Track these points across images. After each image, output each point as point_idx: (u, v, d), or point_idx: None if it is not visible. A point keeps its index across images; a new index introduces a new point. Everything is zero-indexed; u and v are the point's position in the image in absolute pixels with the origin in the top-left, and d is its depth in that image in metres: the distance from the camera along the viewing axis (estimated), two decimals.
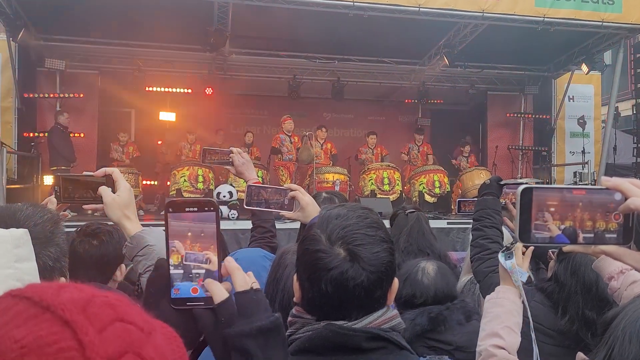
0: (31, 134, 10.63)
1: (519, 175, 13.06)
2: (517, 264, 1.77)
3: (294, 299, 1.18)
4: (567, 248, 1.05)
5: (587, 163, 12.03)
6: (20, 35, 9.24)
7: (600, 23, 9.12)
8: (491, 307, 1.75)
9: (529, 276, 2.62)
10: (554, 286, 2.11)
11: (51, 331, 0.48)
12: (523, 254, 1.84)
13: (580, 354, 1.26)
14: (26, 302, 0.51)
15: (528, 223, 0.96)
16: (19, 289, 0.54)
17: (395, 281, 1.16)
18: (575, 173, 12.38)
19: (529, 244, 1.06)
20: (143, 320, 0.56)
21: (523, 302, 1.76)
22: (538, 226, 0.96)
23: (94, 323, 0.50)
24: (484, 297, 1.89)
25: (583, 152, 12.42)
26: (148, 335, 0.55)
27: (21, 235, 1.04)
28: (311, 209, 1.84)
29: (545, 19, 8.89)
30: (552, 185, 0.99)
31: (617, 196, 0.94)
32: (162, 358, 0.55)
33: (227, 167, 2.34)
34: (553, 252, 2.37)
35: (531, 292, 2.14)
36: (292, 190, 1.89)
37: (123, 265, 2.37)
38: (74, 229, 2.42)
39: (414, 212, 3.16)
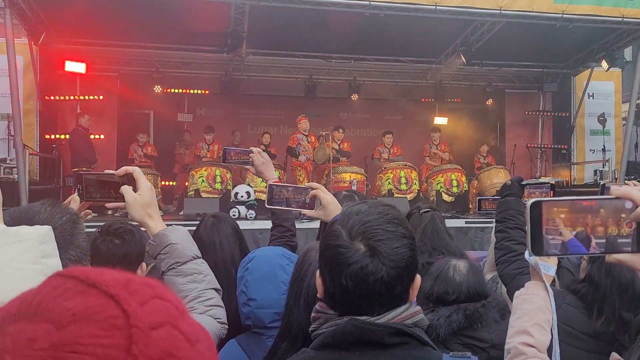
0: (53, 136, 10.79)
1: (538, 175, 12.92)
2: (540, 259, 1.74)
3: (318, 295, 1.20)
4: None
5: (607, 161, 11.85)
6: (41, 39, 9.40)
7: (621, 19, 8.97)
8: (520, 303, 1.72)
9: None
10: (588, 287, 2.05)
11: (98, 302, 0.53)
12: None
13: (614, 354, 1.24)
14: (74, 281, 0.55)
15: (540, 235, 0.97)
16: (66, 269, 0.59)
17: (418, 277, 1.17)
18: (595, 171, 12.21)
19: (542, 256, 1.06)
20: (177, 301, 0.61)
21: (550, 296, 1.73)
22: (549, 231, 0.96)
23: (136, 297, 0.55)
24: (512, 300, 1.87)
25: (603, 150, 12.24)
26: (182, 313, 0.60)
27: (46, 232, 1.07)
28: (332, 207, 1.84)
29: (564, 15, 8.77)
30: (562, 198, 0.99)
31: (628, 205, 0.94)
32: (196, 334, 0.59)
33: (247, 167, 2.37)
34: None
35: (562, 294, 2.09)
36: (313, 188, 1.90)
37: (144, 264, 2.40)
38: (95, 229, 2.46)
39: (428, 211, 3.15)
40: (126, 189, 1.47)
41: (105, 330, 0.51)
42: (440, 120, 13.15)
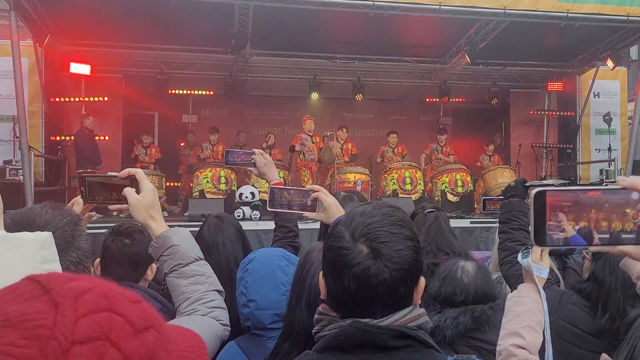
0: (58, 138, 10.85)
1: (544, 174, 12.89)
2: (533, 261, 1.74)
3: (321, 296, 1.19)
4: (591, 249, 1.04)
5: (613, 160, 11.80)
6: (46, 41, 9.44)
7: (626, 17, 8.91)
8: (513, 305, 1.73)
9: (556, 274, 2.58)
10: (592, 286, 2.06)
11: (38, 310, 0.53)
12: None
13: (604, 355, 1.24)
14: (35, 285, 0.57)
15: (543, 226, 0.96)
16: (39, 274, 0.59)
17: (422, 280, 1.16)
18: (601, 171, 12.15)
19: (544, 247, 1.05)
20: (141, 317, 0.59)
21: (542, 299, 1.73)
22: (552, 227, 0.95)
23: (79, 309, 0.55)
24: None
25: (609, 149, 12.16)
26: (138, 331, 0.58)
27: (46, 237, 1.06)
28: (334, 209, 1.85)
29: (569, 14, 8.73)
30: (566, 187, 0.98)
31: (635, 195, 0.93)
32: (146, 353, 0.57)
33: (250, 168, 2.38)
34: (587, 252, 2.32)
35: (567, 294, 2.10)
36: (314, 191, 1.91)
37: (154, 265, 2.40)
38: (103, 231, 2.47)
39: (432, 211, 3.14)
40: (129, 191, 1.47)
41: (25, 339, 0.51)
42: (444, 120, 13.12)
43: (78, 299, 0.56)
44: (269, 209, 2.02)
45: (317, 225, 2.20)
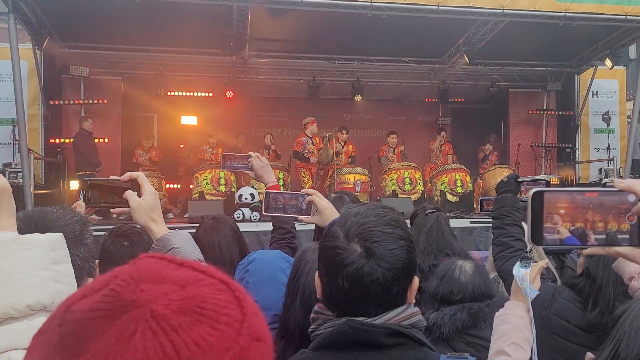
0: (57, 140, 10.84)
1: (543, 173, 12.89)
2: (528, 277, 1.77)
3: (317, 295, 1.21)
4: (586, 251, 1.05)
5: (612, 159, 11.82)
6: (45, 44, 9.45)
7: (624, 17, 8.93)
8: (499, 324, 1.77)
9: (553, 274, 2.61)
10: (585, 281, 2.08)
11: (197, 274, 0.61)
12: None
13: (589, 354, 1.27)
14: (165, 261, 0.63)
15: (540, 225, 0.97)
16: (149, 254, 0.66)
17: (415, 279, 1.17)
18: (600, 170, 12.18)
19: (541, 246, 1.07)
20: None
21: (530, 316, 1.77)
22: (548, 229, 0.97)
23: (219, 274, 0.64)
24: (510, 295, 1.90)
25: (608, 148, 12.18)
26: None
27: (57, 239, 1.09)
28: (328, 212, 1.88)
29: (567, 14, 8.74)
30: (564, 188, 1.00)
31: (631, 197, 0.94)
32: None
33: (247, 171, 2.40)
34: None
35: (559, 289, 2.13)
36: (309, 194, 1.94)
37: None
38: (102, 233, 2.49)
39: (434, 212, 3.15)
40: (130, 194, 1.49)
41: (217, 290, 0.59)
42: (443, 120, 13.13)
43: (209, 270, 0.63)
44: (264, 212, 2.06)
45: None
